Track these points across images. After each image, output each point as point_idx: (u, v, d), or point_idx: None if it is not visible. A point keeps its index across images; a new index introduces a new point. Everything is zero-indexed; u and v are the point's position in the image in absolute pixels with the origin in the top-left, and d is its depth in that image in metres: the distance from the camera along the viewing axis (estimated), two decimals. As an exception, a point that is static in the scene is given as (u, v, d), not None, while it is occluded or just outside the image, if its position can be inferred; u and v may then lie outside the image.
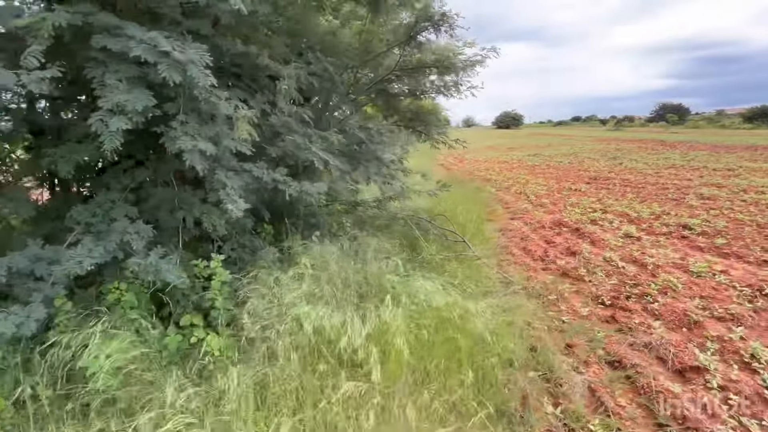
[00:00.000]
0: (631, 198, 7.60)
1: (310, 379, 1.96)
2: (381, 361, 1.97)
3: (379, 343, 2.07)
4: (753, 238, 4.94)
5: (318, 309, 2.22)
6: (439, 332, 2.20)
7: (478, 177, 11.26)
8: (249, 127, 1.86)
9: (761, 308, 3.22)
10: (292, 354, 2.00)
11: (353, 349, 2.01)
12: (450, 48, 3.91)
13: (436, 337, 2.17)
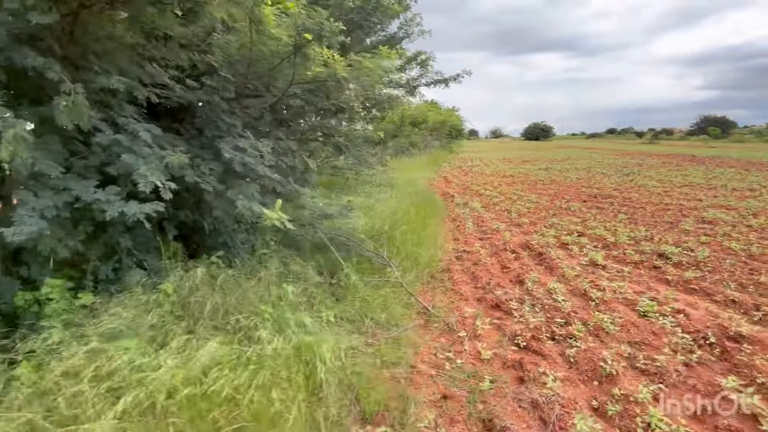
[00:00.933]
0: (622, 220, 7.00)
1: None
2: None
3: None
4: (732, 272, 4.35)
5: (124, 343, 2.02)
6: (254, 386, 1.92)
7: (471, 192, 10.83)
8: (14, 148, 1.71)
9: (695, 362, 2.73)
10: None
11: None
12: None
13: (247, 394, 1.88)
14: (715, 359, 2.78)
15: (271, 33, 2.91)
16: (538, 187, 11.29)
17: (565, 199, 9.26)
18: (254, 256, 3.75)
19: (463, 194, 10.41)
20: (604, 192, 10.10)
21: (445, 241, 6.02)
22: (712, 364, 2.74)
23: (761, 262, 4.68)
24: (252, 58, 3.08)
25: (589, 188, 10.84)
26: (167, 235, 3.63)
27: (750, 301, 3.59)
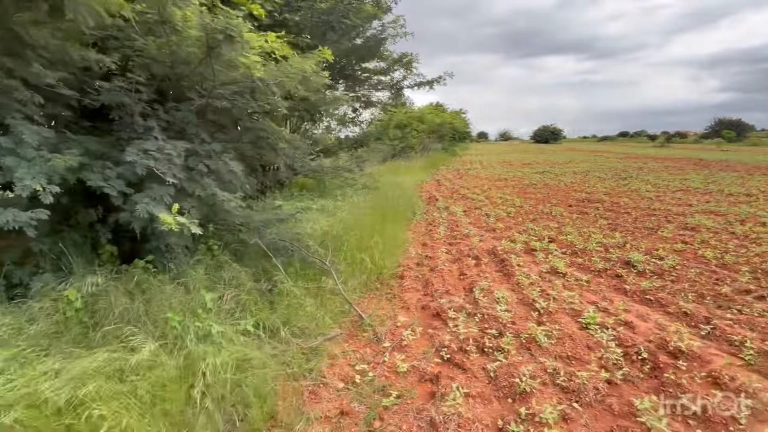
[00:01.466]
0: (601, 225, 6.78)
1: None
2: None
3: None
4: (696, 282, 4.15)
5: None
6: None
7: (458, 195, 10.66)
8: None
9: (620, 379, 2.57)
10: None
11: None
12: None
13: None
14: (644, 376, 2.61)
15: (189, 33, 2.86)
16: (527, 191, 11.07)
17: (551, 203, 9.04)
18: (190, 261, 3.70)
19: (448, 198, 10.26)
20: (594, 196, 9.84)
21: (411, 246, 5.90)
22: (638, 382, 2.57)
23: (730, 272, 4.46)
24: (174, 59, 3.03)
25: (581, 192, 10.59)
26: (101, 238, 3.60)
27: (703, 314, 3.40)
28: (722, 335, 3.07)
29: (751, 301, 3.71)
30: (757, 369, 2.70)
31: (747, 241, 5.69)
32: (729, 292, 3.87)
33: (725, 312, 3.53)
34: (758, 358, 2.77)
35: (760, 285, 4.06)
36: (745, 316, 3.42)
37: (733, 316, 3.40)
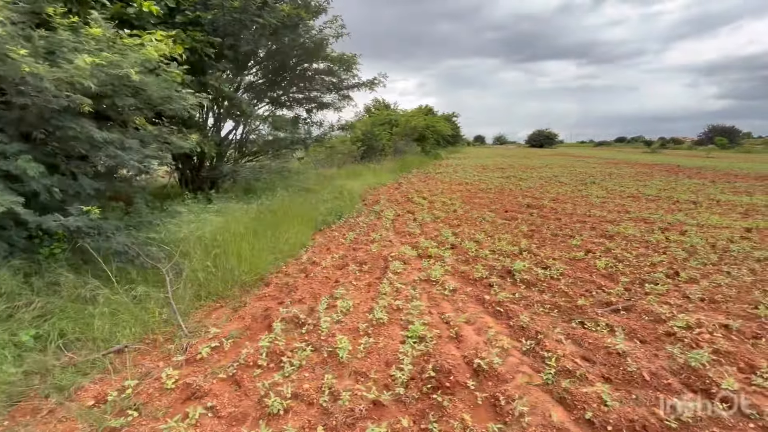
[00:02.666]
0: (520, 232, 6.62)
1: None
2: None
3: None
4: (562, 293, 3.99)
5: None
6: None
7: (405, 199, 10.49)
8: None
9: (387, 400, 2.39)
10: None
11: None
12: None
13: None
14: (417, 398, 2.44)
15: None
16: (476, 196, 10.91)
17: (489, 209, 8.89)
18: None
19: (391, 202, 10.09)
20: (539, 202, 9.69)
21: (310, 250, 5.73)
22: (409, 404, 2.40)
23: (608, 282, 4.31)
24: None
25: (529, 198, 10.43)
26: None
27: (537, 328, 3.23)
28: (540, 351, 2.90)
29: (603, 314, 3.54)
30: (549, 389, 2.53)
31: (653, 250, 5.54)
32: (586, 305, 3.71)
33: (568, 325, 3.37)
34: (555, 377, 2.60)
35: (623, 298, 3.90)
36: (584, 330, 3.26)
37: (569, 330, 3.24)
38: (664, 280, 4.35)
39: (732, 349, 2.93)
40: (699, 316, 3.47)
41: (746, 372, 2.72)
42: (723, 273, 4.59)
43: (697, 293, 3.97)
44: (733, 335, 3.20)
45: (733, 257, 5.19)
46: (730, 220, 7.38)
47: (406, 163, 20.82)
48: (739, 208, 8.72)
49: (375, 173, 16.17)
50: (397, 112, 31.47)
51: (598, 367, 2.74)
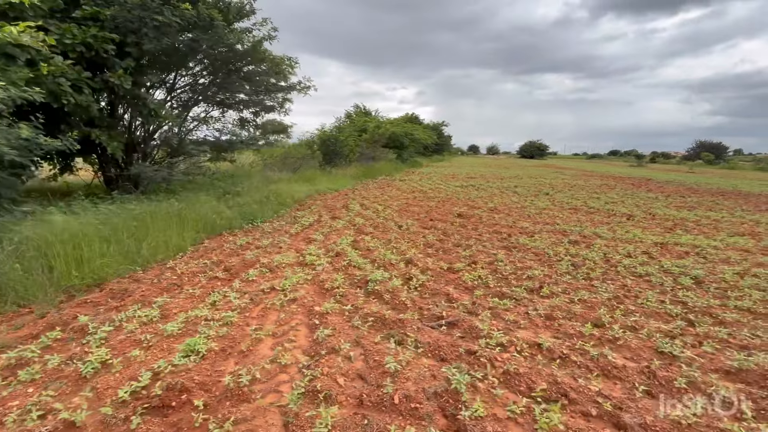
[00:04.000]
0: (425, 241, 6.46)
1: None
2: None
3: None
4: (402, 305, 3.81)
5: None
6: None
7: (340, 206, 10.31)
8: None
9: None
10: None
11: None
12: None
13: None
14: (125, 417, 2.23)
15: None
16: (417, 204, 10.75)
17: (416, 217, 8.73)
18: None
19: (326, 208, 9.88)
20: (473, 212, 9.55)
21: (183, 256, 5.51)
22: (114, 424, 2.19)
23: (463, 294, 4.12)
24: None
25: (467, 207, 10.30)
26: None
27: (335, 344, 3.04)
28: (315, 368, 2.71)
29: (422, 329, 3.36)
30: (286, 411, 2.33)
31: (542, 263, 5.40)
32: (412, 319, 3.53)
33: (382, 340, 3.18)
34: (301, 399, 2.40)
35: (463, 311, 3.72)
36: (395, 346, 3.07)
37: (372, 346, 3.04)
38: (520, 295, 4.18)
39: (524, 370, 2.75)
40: (520, 334, 3.30)
41: (525, 394, 2.54)
42: (589, 288, 4.44)
43: (542, 310, 3.81)
44: (540, 354, 3.02)
45: (616, 272, 5.04)
46: (651, 235, 7.26)
47: (372, 170, 20.68)
48: (669, 222, 8.62)
49: (333, 179, 16.01)
50: (376, 119, 31.53)
51: (358, 387, 2.54)
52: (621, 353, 3.11)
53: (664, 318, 3.73)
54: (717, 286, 4.55)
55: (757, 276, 4.92)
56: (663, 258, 5.71)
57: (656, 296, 4.20)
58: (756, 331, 3.45)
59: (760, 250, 6.27)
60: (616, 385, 2.69)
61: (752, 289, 4.46)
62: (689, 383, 2.65)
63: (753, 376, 2.75)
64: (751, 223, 8.64)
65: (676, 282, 4.67)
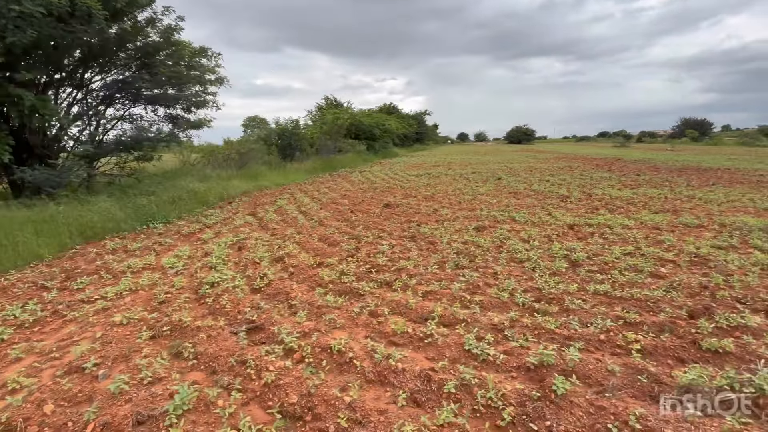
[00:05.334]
0: (324, 234, 6.12)
1: None
2: None
3: None
4: (218, 310, 3.46)
5: None
6: None
7: (269, 202, 9.93)
8: None
9: None
10: None
11: None
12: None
13: None
14: None
15: None
16: (354, 197, 10.38)
17: (339, 211, 8.37)
18: None
19: (252, 205, 9.51)
20: (405, 201, 9.23)
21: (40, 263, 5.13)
22: None
23: (305, 294, 3.78)
24: None
25: (402, 196, 9.96)
26: None
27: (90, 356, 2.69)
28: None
29: (222, 333, 3.02)
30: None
31: (428, 252, 5.07)
32: (215, 325, 3.18)
33: (158, 349, 2.83)
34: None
35: (277, 314, 3.38)
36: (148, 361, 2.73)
37: (143, 360, 2.70)
38: (366, 290, 3.86)
39: (287, 381, 2.43)
40: (323, 338, 2.97)
41: (274, 408, 2.21)
42: (451, 278, 4.13)
43: (375, 306, 3.49)
44: (327, 359, 2.69)
45: (496, 259, 4.73)
46: (570, 216, 6.95)
47: (334, 163, 20.24)
48: (601, 202, 8.33)
49: (284, 174, 15.60)
50: (346, 111, 30.98)
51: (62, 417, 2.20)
52: (425, 353, 2.79)
53: (504, 308, 3.42)
54: (590, 269, 4.25)
55: (643, 256, 4.62)
56: (561, 241, 5.41)
57: (514, 284, 3.89)
58: (592, 318, 3.14)
59: (669, 227, 5.98)
60: (386, 393, 2.36)
61: (625, 271, 4.16)
62: (462, 386, 2.33)
63: (540, 373, 2.44)
64: (684, 199, 8.37)
65: (548, 267, 4.36)
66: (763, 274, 3.94)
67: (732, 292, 3.55)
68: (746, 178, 11.33)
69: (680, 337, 2.85)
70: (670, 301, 3.43)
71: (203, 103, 11.10)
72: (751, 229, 5.56)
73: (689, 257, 4.54)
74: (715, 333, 2.90)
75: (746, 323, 2.96)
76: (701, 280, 3.83)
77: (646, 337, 2.88)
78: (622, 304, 3.43)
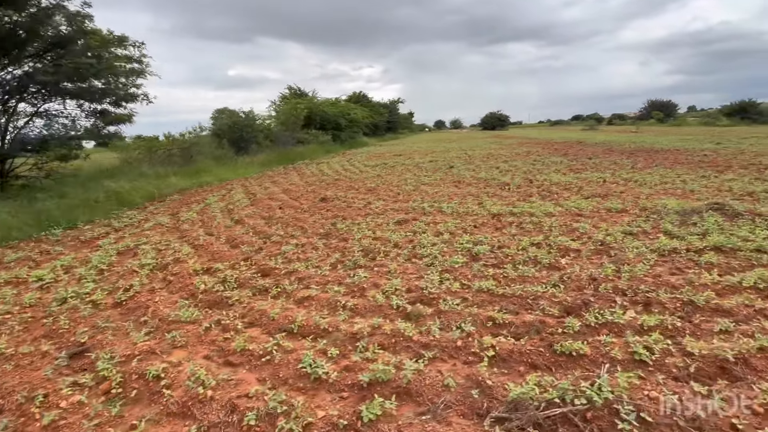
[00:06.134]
0: (220, 238, 5.74)
1: None
2: None
3: None
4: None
5: None
6: None
7: (196, 201, 9.44)
8: None
9: None
10: None
11: None
12: None
13: None
14: None
15: None
16: (295, 191, 9.98)
17: (269, 207, 7.99)
18: None
19: (176, 206, 9.00)
20: (344, 195, 8.89)
21: None
22: None
23: (172, 301, 3.43)
24: None
25: (347, 190, 9.63)
26: None
27: None
28: None
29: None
30: None
31: (332, 250, 4.77)
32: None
33: None
34: None
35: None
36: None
37: None
38: (233, 301, 3.53)
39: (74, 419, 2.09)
40: (153, 361, 2.63)
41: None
42: (337, 281, 3.84)
43: (230, 321, 3.16)
44: (149, 386, 2.36)
45: (397, 255, 4.47)
46: (499, 205, 6.75)
47: (292, 155, 19.67)
48: (536, 189, 8.19)
49: (233, 168, 14.98)
50: (311, 101, 30.21)
51: None
52: (258, 373, 2.49)
53: (375, 313, 3.16)
54: (487, 263, 4.04)
55: (549, 246, 4.44)
56: (474, 232, 5.19)
57: (399, 284, 3.62)
58: (460, 321, 2.91)
59: (591, 213, 5.86)
60: (184, 428, 2.06)
61: (522, 264, 3.96)
62: (267, 415, 2.05)
63: (372, 392, 2.18)
64: (621, 182, 8.31)
65: (444, 263, 4.12)
66: (658, 262, 3.80)
67: (618, 283, 3.38)
68: (689, 159, 11.44)
69: (542, 339, 2.65)
70: (550, 297, 3.23)
71: (131, 97, 10.43)
72: (668, 212, 5.47)
73: (595, 246, 4.39)
74: (582, 332, 2.71)
75: (615, 320, 2.78)
76: (593, 271, 3.66)
77: (506, 340, 2.66)
78: (502, 302, 3.21)
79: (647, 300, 3.08)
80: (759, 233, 4.36)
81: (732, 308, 2.87)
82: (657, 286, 3.29)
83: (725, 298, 3.05)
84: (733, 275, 3.38)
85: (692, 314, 2.87)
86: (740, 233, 4.38)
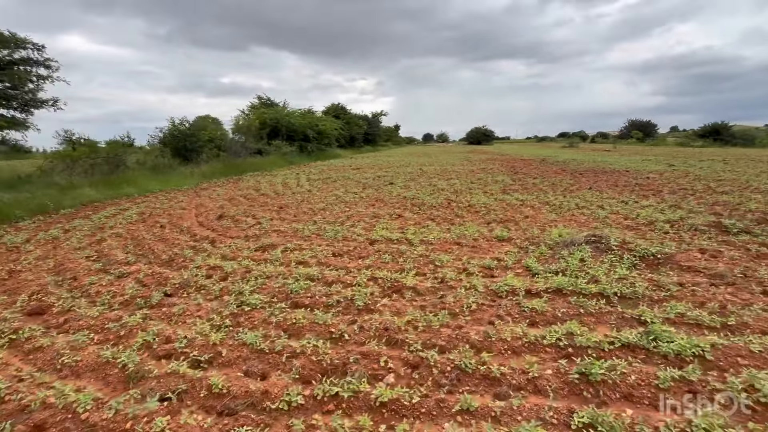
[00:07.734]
0: (77, 263, 5.15)
1: None
2: None
3: None
4: None
5: None
6: None
7: (88, 208, 8.82)
8: None
9: None
10: None
11: None
12: None
13: None
14: None
15: None
16: (203, 207, 9.42)
17: (160, 226, 7.41)
18: None
19: (52, 223, 8.37)
20: (251, 212, 8.36)
21: None
22: None
23: None
24: None
25: (261, 206, 9.09)
26: None
27: None
28: None
29: None
30: None
31: (176, 268, 4.21)
32: None
33: None
34: None
35: None
36: None
37: None
38: None
39: None
40: None
41: None
42: (112, 320, 3.29)
43: None
44: None
45: (216, 291, 3.93)
46: (390, 231, 6.28)
47: (242, 166, 19.09)
48: (444, 211, 7.76)
49: (166, 180, 14.34)
50: (278, 111, 29.79)
51: None
52: None
53: (103, 372, 2.61)
54: (298, 302, 3.53)
55: (381, 283, 3.96)
56: (326, 263, 4.70)
57: (154, 333, 3.09)
58: (165, 390, 2.38)
59: (473, 241, 5.42)
60: None
61: (333, 306, 3.47)
62: None
63: None
64: (538, 206, 7.94)
65: (246, 302, 3.60)
66: (482, 307, 3.34)
67: (407, 336, 2.89)
68: (628, 182, 11.19)
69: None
70: (313, 354, 2.73)
71: (34, 102, 9.85)
72: (546, 243, 5.06)
73: (432, 284, 3.92)
74: (306, 407, 2.20)
75: (360, 388, 2.28)
76: (387, 320, 3.17)
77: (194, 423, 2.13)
78: (252, 362, 2.69)
79: (418, 361, 2.59)
80: (616, 272, 3.95)
81: (503, 375, 2.40)
82: (448, 340, 2.82)
83: (510, 359, 2.59)
84: (543, 327, 2.93)
85: (456, 382, 2.39)
86: (597, 272, 3.97)
